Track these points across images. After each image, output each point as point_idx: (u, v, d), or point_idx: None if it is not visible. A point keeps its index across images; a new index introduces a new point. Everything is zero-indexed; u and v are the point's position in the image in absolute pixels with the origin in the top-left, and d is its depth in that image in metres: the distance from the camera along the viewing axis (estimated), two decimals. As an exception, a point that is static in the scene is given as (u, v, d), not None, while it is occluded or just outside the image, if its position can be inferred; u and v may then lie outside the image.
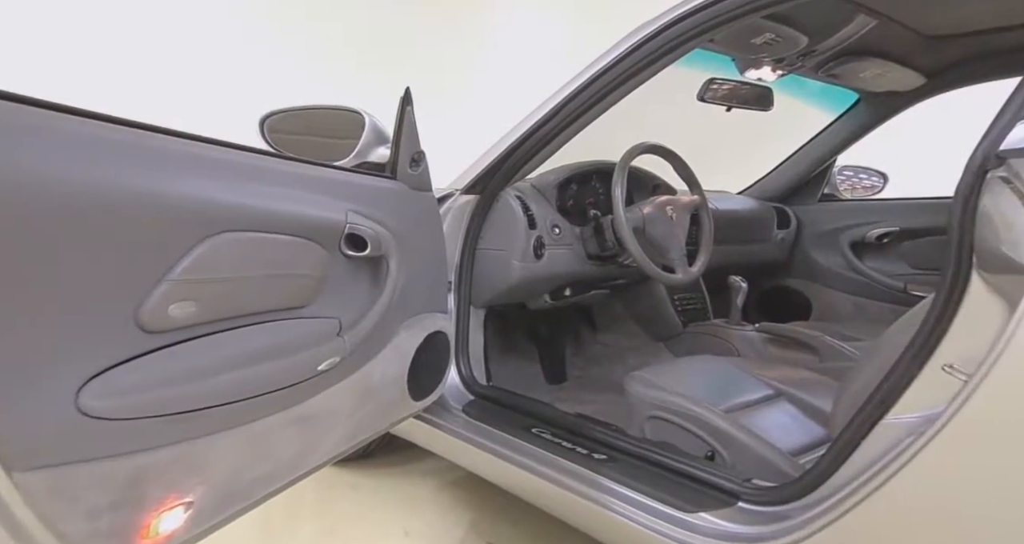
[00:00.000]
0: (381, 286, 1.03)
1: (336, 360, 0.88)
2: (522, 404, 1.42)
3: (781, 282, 2.23)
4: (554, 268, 1.56)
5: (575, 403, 1.87)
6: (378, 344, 1.05)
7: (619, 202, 1.44)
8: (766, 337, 1.63)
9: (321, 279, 0.91)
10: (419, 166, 1.17)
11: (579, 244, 1.60)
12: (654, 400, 1.27)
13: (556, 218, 1.57)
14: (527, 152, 1.41)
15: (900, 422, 0.79)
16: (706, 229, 1.60)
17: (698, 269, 1.55)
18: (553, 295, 1.67)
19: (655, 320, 1.89)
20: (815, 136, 2.03)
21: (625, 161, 1.48)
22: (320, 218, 0.89)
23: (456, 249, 1.54)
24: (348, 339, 0.91)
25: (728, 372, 1.41)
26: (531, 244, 1.49)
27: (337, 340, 0.89)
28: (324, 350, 0.86)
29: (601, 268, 1.65)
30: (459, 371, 1.54)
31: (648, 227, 1.50)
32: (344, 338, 0.90)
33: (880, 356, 0.91)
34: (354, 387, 0.98)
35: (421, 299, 1.22)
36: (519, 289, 1.54)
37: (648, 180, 1.77)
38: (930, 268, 1.84)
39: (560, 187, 1.63)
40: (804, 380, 1.40)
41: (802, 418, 1.30)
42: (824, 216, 2.10)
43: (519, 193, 1.53)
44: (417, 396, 1.22)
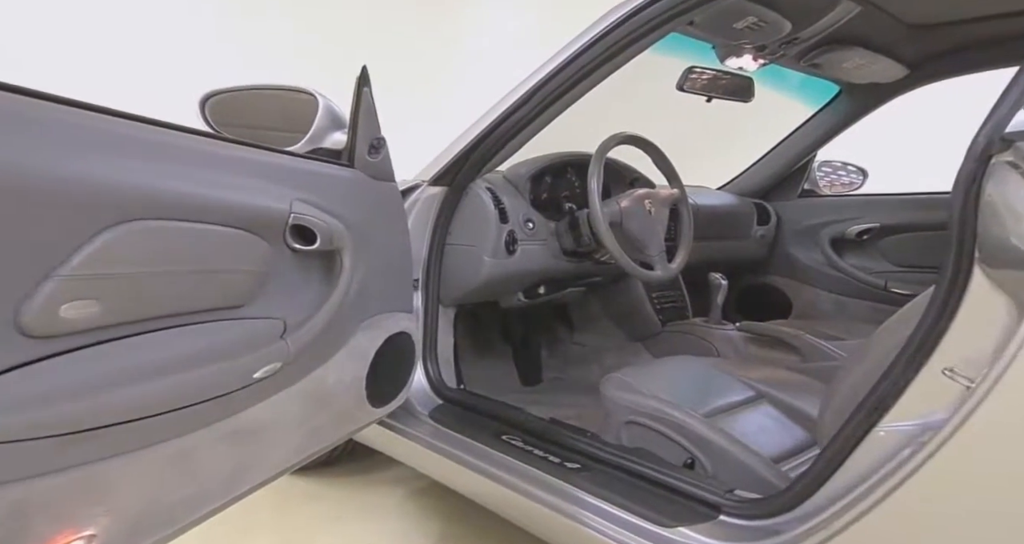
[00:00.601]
0: (334, 283, 0.93)
1: (277, 366, 0.78)
2: (493, 409, 1.34)
3: (761, 279, 2.19)
4: (527, 265, 1.48)
5: (550, 407, 1.79)
6: (331, 347, 0.96)
7: (595, 195, 1.36)
8: (747, 336, 1.58)
9: (262, 275, 0.82)
10: (379, 153, 1.08)
11: (554, 239, 1.52)
12: (630, 404, 1.19)
13: (529, 212, 1.49)
14: (497, 141, 1.32)
15: (896, 430, 0.73)
16: (685, 224, 1.53)
17: (677, 265, 1.48)
18: (527, 293, 1.59)
19: (633, 319, 1.83)
20: (795, 130, 1.99)
21: (601, 152, 1.41)
22: (259, 207, 0.80)
23: (423, 244, 1.45)
24: (292, 342, 0.81)
25: (708, 373, 1.35)
26: (503, 239, 1.40)
27: (279, 344, 0.79)
28: (262, 355, 0.76)
29: (577, 265, 1.57)
30: (426, 374, 1.45)
31: (625, 221, 1.42)
32: (287, 341, 0.80)
33: (870, 358, 0.85)
34: (303, 395, 0.88)
35: (382, 297, 1.13)
36: (490, 287, 1.45)
37: (626, 173, 1.70)
38: (912, 265, 1.81)
39: (534, 179, 1.55)
40: (786, 381, 1.35)
41: (785, 421, 1.24)
42: (804, 212, 2.06)
43: (490, 185, 1.44)
44: (378, 402, 1.12)
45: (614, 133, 1.44)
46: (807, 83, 1.91)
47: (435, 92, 3.04)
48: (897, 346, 0.76)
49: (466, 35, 3.28)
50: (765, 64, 1.54)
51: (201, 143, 0.77)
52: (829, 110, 1.88)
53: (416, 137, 1.56)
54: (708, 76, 1.58)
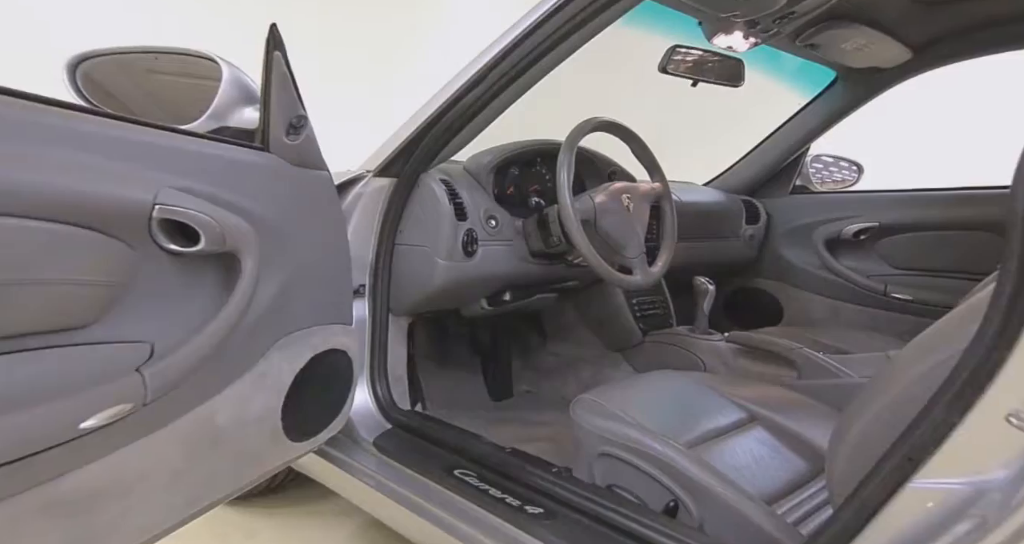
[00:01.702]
0: (231, 294, 0.75)
1: (124, 409, 0.59)
2: (447, 436, 1.16)
3: (749, 283, 2.03)
4: (490, 268, 1.30)
5: (520, 425, 1.61)
6: (226, 374, 0.77)
7: (565, 188, 1.19)
8: (736, 348, 1.41)
9: (116, 286, 0.63)
10: (299, 134, 0.89)
11: (520, 239, 1.35)
12: (604, 433, 1.02)
13: (492, 208, 1.31)
14: (452, 125, 1.14)
15: (936, 488, 0.56)
16: (669, 222, 1.36)
17: (659, 270, 1.31)
18: (491, 300, 1.41)
19: (611, 328, 1.65)
20: (787, 121, 1.83)
21: (573, 139, 1.23)
22: (110, 197, 0.61)
23: (370, 245, 1.26)
24: (154, 375, 0.62)
25: (693, 392, 1.18)
26: (460, 239, 1.22)
27: (129, 379, 0.60)
28: (101, 396, 0.57)
29: (547, 268, 1.39)
30: (374, 394, 1.27)
31: (601, 219, 1.25)
32: (145, 374, 0.61)
33: (894, 389, 0.69)
34: (179, 438, 0.69)
35: (308, 308, 0.94)
36: (446, 293, 1.27)
37: (603, 165, 1.52)
38: (913, 268, 1.66)
39: (498, 171, 1.37)
40: (781, 400, 1.18)
41: (781, 449, 1.08)
42: (796, 210, 1.90)
43: (445, 177, 1.26)
44: (299, 435, 0.93)
45: (588, 118, 1.26)
46: (800, 70, 1.76)
47: (407, 60, 2.78)
48: (929, 377, 0.60)
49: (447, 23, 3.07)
50: (756, 44, 1.37)
51: (40, 114, 0.58)
52: (824, 99, 1.73)
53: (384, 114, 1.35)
54: (694, 57, 1.42)
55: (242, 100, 0.89)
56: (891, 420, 0.64)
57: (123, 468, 0.62)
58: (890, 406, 0.66)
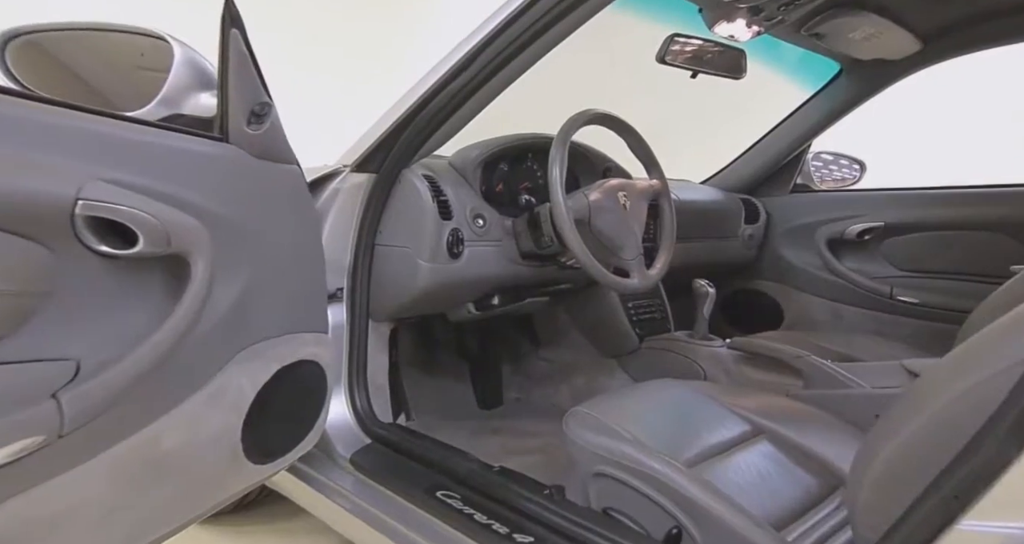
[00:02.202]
0: (178, 302, 0.66)
1: (33, 442, 0.50)
2: (431, 452, 1.07)
3: (748, 285, 1.96)
4: (477, 270, 1.21)
5: (510, 436, 1.53)
6: (173, 392, 0.68)
7: (557, 185, 1.10)
8: (738, 355, 1.34)
9: (33, 296, 0.53)
10: (262, 122, 0.80)
11: (510, 240, 1.26)
12: (599, 450, 0.94)
13: (480, 206, 1.22)
14: (434, 117, 1.05)
15: (990, 531, 0.48)
16: (668, 222, 1.28)
17: (658, 272, 1.23)
18: (478, 304, 1.32)
19: (606, 333, 1.57)
20: (788, 116, 1.76)
21: (565, 133, 1.15)
22: (20, 191, 0.51)
23: (348, 246, 1.18)
24: (73, 398, 0.53)
25: (694, 402, 1.10)
26: (444, 239, 1.14)
27: (42, 406, 0.51)
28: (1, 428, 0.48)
29: (538, 270, 1.31)
30: (352, 406, 1.18)
31: (595, 218, 1.17)
32: (62, 399, 0.52)
33: (928, 411, 0.61)
34: (112, 470, 0.60)
35: (275, 316, 0.85)
36: (430, 298, 1.18)
37: (597, 161, 1.44)
38: (920, 270, 1.59)
39: (486, 167, 1.28)
40: (787, 412, 1.11)
41: (788, 465, 1.00)
42: (797, 209, 1.83)
43: (429, 173, 1.17)
44: (263, 456, 0.84)
45: (581, 110, 1.18)
46: (801, 63, 1.69)
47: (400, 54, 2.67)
48: (972, 397, 0.52)
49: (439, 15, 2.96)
50: (760, 33, 1.30)
51: None
52: (827, 93, 1.66)
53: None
54: (693, 46, 1.34)
55: (197, 84, 0.80)
56: (928, 447, 0.57)
57: (38, 510, 0.53)
58: (926, 430, 0.59)
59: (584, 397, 1.66)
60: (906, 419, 0.63)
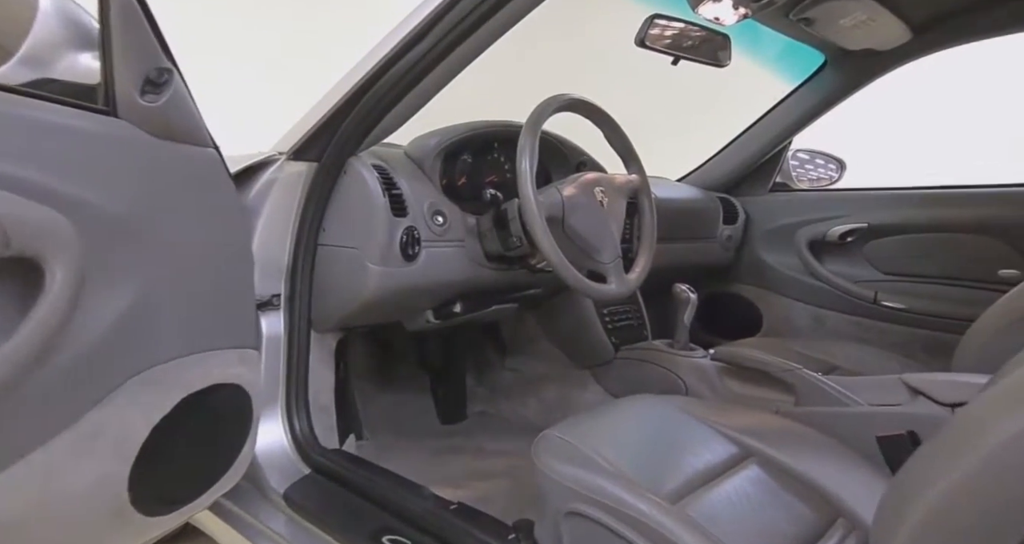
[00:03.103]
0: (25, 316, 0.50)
1: None
2: (378, 487, 0.93)
3: (726, 288, 1.87)
4: (435, 274, 1.07)
5: (474, 455, 1.39)
6: (20, 438, 0.52)
7: (527, 178, 0.97)
8: (722, 367, 1.23)
9: None
10: (160, 93, 0.64)
11: (474, 240, 1.13)
12: (574, 485, 0.81)
13: (439, 202, 1.08)
14: (383, 97, 0.91)
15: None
16: (648, 221, 1.17)
17: (637, 276, 1.11)
18: (438, 312, 1.18)
19: (579, 342, 1.45)
20: (769, 111, 1.68)
21: (535, 121, 1.02)
22: None
23: (286, 245, 1.02)
24: None
25: (676, 422, 0.99)
26: (397, 239, 0.99)
27: None
28: None
29: (506, 274, 1.18)
30: (290, 431, 1.03)
31: (569, 216, 1.04)
32: None
33: (977, 453, 0.50)
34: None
35: (182, 331, 0.70)
36: (381, 306, 1.04)
37: (572, 155, 1.32)
38: (905, 274, 1.52)
39: (446, 157, 1.14)
40: (777, 431, 1.00)
41: (780, 493, 0.89)
42: (777, 209, 1.75)
43: (380, 162, 1.03)
44: (160, 506, 0.69)
45: (553, 95, 1.05)
46: (781, 56, 1.60)
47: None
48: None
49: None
50: (746, 15, 1.20)
51: None
52: (811, 86, 1.58)
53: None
54: (675, 30, 1.23)
55: (73, 41, 0.63)
56: (982, 499, 0.46)
57: None
58: (976, 479, 0.48)
59: (555, 411, 1.55)
60: (951, 463, 0.52)
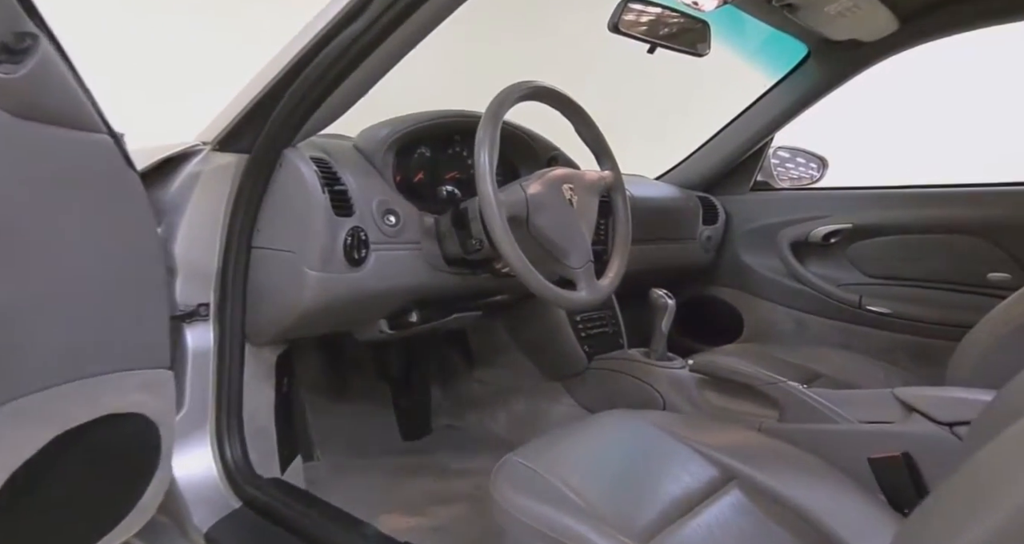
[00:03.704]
0: None
1: None
2: (316, 524, 0.81)
3: (705, 291, 1.79)
4: (388, 280, 0.96)
5: (436, 476, 1.28)
6: None
7: (487, 174, 0.87)
8: (702, 379, 1.14)
9: None
10: (21, 63, 0.52)
11: (432, 242, 1.02)
12: (536, 522, 0.71)
13: (392, 199, 0.97)
14: (319, 82, 0.79)
15: None
16: (623, 221, 1.07)
17: (610, 282, 1.02)
18: (393, 321, 1.07)
19: (550, 352, 1.35)
20: (750, 105, 1.60)
21: (497, 110, 0.91)
22: None
23: (215, 248, 0.90)
24: None
25: (652, 442, 0.89)
26: (340, 241, 0.88)
27: None
28: None
29: (468, 279, 1.07)
30: (220, 459, 0.91)
31: (535, 216, 0.94)
32: None
33: (1013, 502, 0.41)
34: None
35: (60, 355, 0.58)
36: (322, 316, 0.92)
37: (543, 150, 1.21)
38: (891, 277, 1.46)
39: (401, 151, 1.03)
40: (760, 451, 0.91)
41: (765, 522, 0.81)
42: (758, 209, 1.68)
43: (322, 155, 0.91)
44: None
45: (517, 82, 0.95)
46: (764, 46, 1.53)
47: None
48: None
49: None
50: (727, 2, 1.11)
51: None
52: (793, 79, 1.50)
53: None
54: (651, 15, 1.13)
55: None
56: None
57: None
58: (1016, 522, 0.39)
59: (525, 425, 1.44)
60: (979, 504, 0.43)
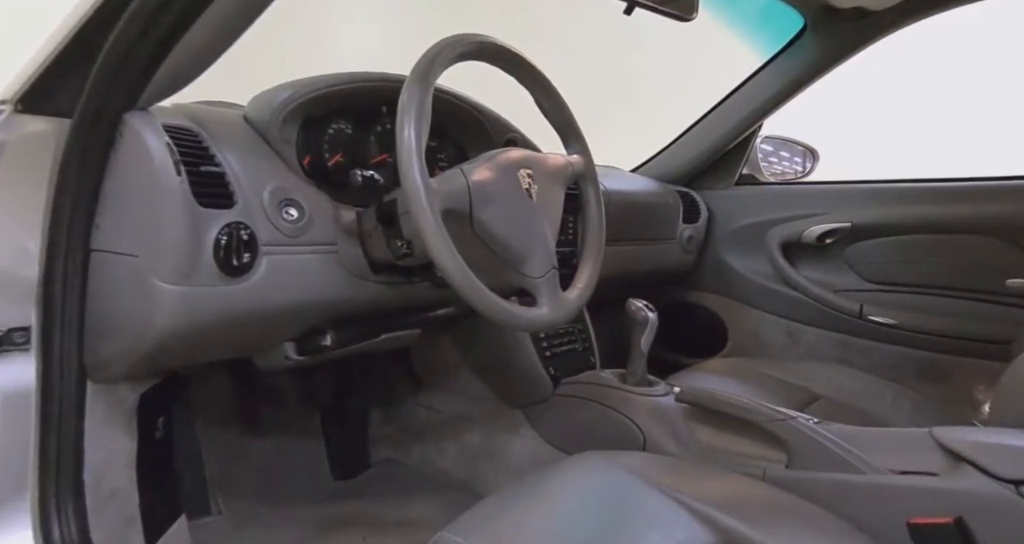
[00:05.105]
0: None
1: None
2: None
3: (686, 297, 1.60)
4: (288, 293, 0.73)
5: (370, 527, 1.04)
6: None
7: (412, 151, 0.64)
8: (690, 410, 0.94)
9: None
10: None
11: (354, 243, 0.79)
12: None
13: (294, 187, 0.74)
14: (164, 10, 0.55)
15: None
16: (594, 218, 0.86)
17: (579, 295, 0.80)
18: (303, 346, 0.83)
19: (508, 374, 1.13)
20: (737, 87, 1.41)
21: (427, 69, 0.68)
22: None
23: (32, 249, 0.65)
24: None
25: (629, 497, 0.68)
26: (209, 242, 0.64)
27: None
28: None
29: (403, 289, 0.85)
30: (45, 539, 0.66)
31: (481, 210, 0.71)
32: None
33: None
34: None
35: None
36: (190, 344, 0.68)
37: (498, 131, 0.98)
38: (896, 283, 1.29)
39: (310, 124, 0.79)
40: (766, 507, 0.71)
41: None
42: (744, 205, 1.49)
43: (186, 124, 0.67)
44: None
45: (454, 35, 0.72)
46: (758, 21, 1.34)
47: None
48: None
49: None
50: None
51: None
52: (785, 57, 1.32)
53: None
54: (629, -35, 0.92)
55: None
56: None
57: None
58: None
59: (478, 460, 1.21)
60: None
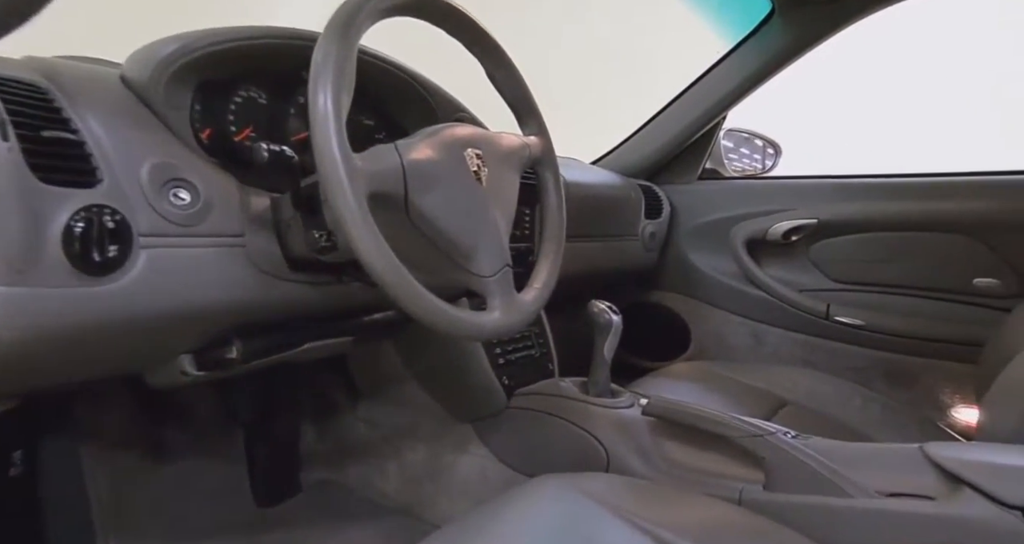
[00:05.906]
0: None
1: None
2: None
3: (647, 297, 1.53)
4: (175, 296, 0.58)
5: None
6: None
7: (330, 119, 0.52)
8: (657, 424, 0.85)
9: None
10: None
11: (265, 234, 0.65)
12: None
13: (186, 164, 0.60)
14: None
15: None
16: (554, 208, 0.75)
17: (536, 297, 0.69)
18: (203, 359, 0.69)
19: (457, 385, 1.01)
20: (700, 77, 1.34)
21: (347, 21, 0.55)
22: None
23: None
24: None
25: (592, 528, 0.58)
26: (55, 230, 0.49)
27: None
28: None
29: (330, 289, 0.71)
30: None
31: (419, 195, 0.59)
32: None
33: None
34: None
35: None
36: (33, 361, 0.53)
37: (444, 109, 0.86)
38: (863, 282, 1.25)
39: (208, 88, 0.65)
40: (742, 534, 0.63)
41: None
42: (708, 201, 1.43)
43: (33, 78, 0.52)
44: None
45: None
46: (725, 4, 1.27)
47: None
48: None
49: None
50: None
51: None
52: (751, 45, 1.25)
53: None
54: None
55: None
56: None
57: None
58: None
59: (423, 483, 1.07)
60: None
